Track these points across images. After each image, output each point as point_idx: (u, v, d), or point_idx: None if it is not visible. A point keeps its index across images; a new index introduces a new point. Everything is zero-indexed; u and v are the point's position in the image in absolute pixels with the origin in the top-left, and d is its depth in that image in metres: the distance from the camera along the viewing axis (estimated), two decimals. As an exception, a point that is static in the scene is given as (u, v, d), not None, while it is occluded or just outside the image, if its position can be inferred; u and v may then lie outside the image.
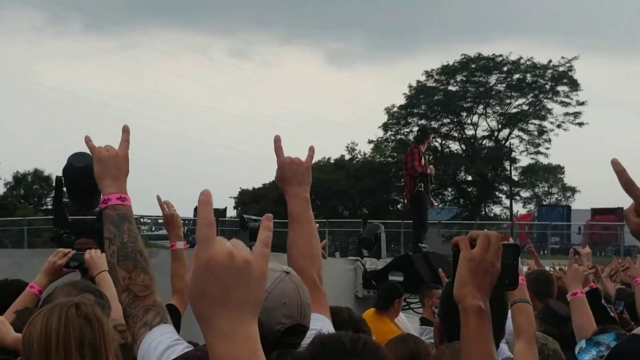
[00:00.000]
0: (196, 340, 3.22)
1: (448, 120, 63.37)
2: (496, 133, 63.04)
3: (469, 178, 63.20)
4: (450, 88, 62.36)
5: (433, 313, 8.09)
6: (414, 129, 58.73)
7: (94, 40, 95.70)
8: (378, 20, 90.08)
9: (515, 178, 60.47)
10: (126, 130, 3.39)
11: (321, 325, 3.20)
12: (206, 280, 1.46)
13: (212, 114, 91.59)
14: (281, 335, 3.08)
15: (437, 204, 49.14)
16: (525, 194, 62.98)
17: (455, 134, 63.90)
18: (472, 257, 2.35)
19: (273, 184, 52.45)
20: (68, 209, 7.76)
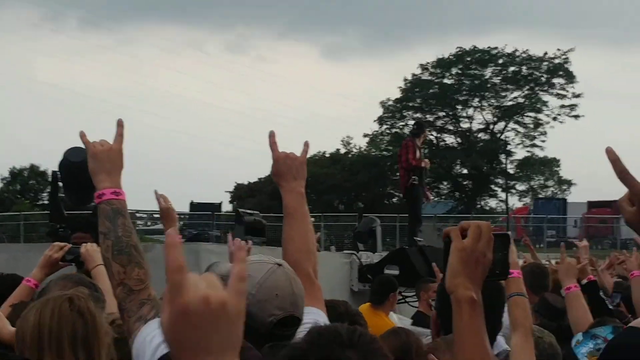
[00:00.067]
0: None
1: (443, 113, 63.41)
2: (492, 126, 63.11)
3: (465, 171, 63.25)
4: (445, 81, 62.40)
5: (429, 306, 8.08)
6: (409, 123, 58.72)
7: (91, 36, 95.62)
8: (373, 14, 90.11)
9: (511, 171, 60.51)
10: (120, 124, 3.37)
11: (316, 318, 3.20)
12: (183, 328, 1.40)
13: (208, 109, 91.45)
14: (274, 327, 3.07)
15: (433, 198, 49.16)
16: (521, 187, 63.17)
17: (450, 127, 63.95)
18: (464, 248, 2.34)
19: (268, 178, 52.40)
20: (64, 204, 7.76)
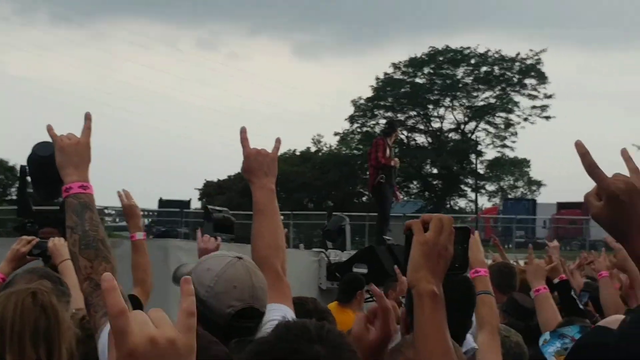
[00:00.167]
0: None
1: (414, 112, 63.53)
2: (462, 126, 63.32)
3: (435, 171, 63.45)
4: (417, 80, 62.51)
5: (397, 305, 8.08)
6: (381, 122, 58.89)
7: (62, 31, 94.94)
8: (346, 12, 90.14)
9: (481, 171, 60.78)
10: (88, 117, 3.35)
11: (284, 315, 3.19)
12: None
13: (179, 105, 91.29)
14: (232, 318, 3.06)
15: (403, 197, 49.24)
16: (490, 188, 63.44)
17: (421, 127, 64.11)
18: (426, 241, 2.31)
19: (238, 176, 52.28)
20: (32, 199, 7.70)
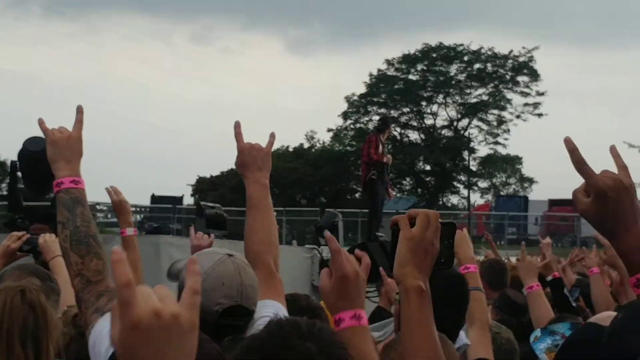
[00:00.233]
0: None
1: (408, 109, 63.51)
2: (455, 123, 63.34)
3: (428, 168, 63.47)
4: (410, 77, 62.49)
5: (389, 302, 8.10)
6: (374, 118, 58.85)
7: (55, 24, 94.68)
8: (340, 7, 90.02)
9: (473, 168, 60.78)
10: (80, 110, 3.33)
11: (276, 311, 3.18)
12: (135, 343, 1.38)
13: (172, 100, 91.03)
14: (221, 316, 3.05)
15: (395, 194, 49.29)
16: (483, 184, 63.52)
17: (414, 124, 64.09)
18: (412, 237, 2.31)
19: (231, 172, 52.26)
20: (23, 195, 7.67)
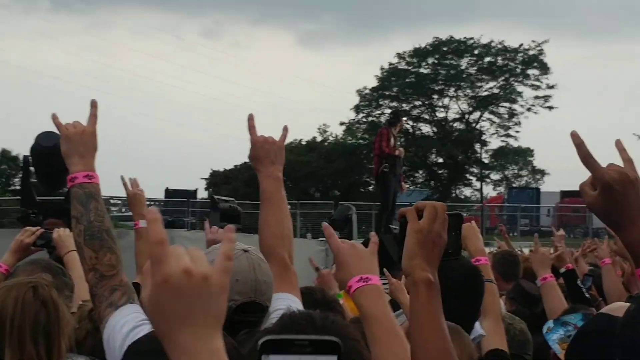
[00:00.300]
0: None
1: (419, 102, 63.47)
2: (467, 116, 63.29)
3: (440, 160, 63.41)
4: (421, 70, 62.45)
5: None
6: (386, 111, 58.77)
7: (63, 18, 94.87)
8: (350, 1, 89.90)
9: (485, 160, 60.75)
10: (94, 104, 3.31)
11: (289, 304, 3.17)
12: (164, 299, 1.43)
13: (183, 95, 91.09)
14: (234, 312, 3.04)
15: (408, 186, 49.21)
16: (495, 177, 63.44)
17: (426, 117, 64.03)
18: (420, 229, 2.29)
19: (244, 166, 52.28)
20: (36, 189, 7.69)
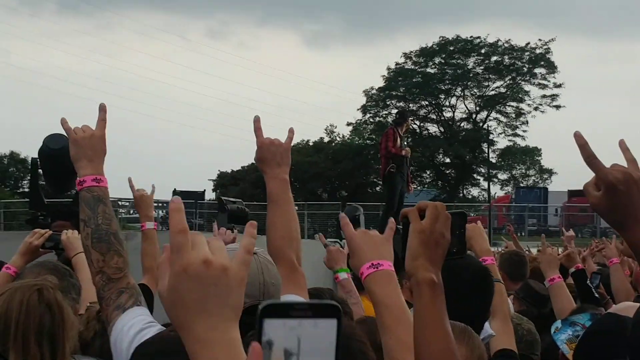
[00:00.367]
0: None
1: (426, 102, 63.46)
2: (474, 115, 63.23)
3: (447, 160, 63.36)
4: (428, 70, 62.42)
5: (411, 294, 8.10)
6: (393, 112, 58.79)
7: (69, 20, 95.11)
8: (356, 1, 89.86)
9: (493, 160, 60.67)
10: (103, 108, 3.32)
11: None
12: (182, 288, 1.43)
13: (189, 96, 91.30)
14: (242, 315, 3.05)
15: (415, 186, 49.14)
16: (502, 176, 63.43)
17: (433, 116, 64.02)
18: (423, 229, 2.29)
19: (252, 167, 52.30)
20: (44, 192, 7.70)
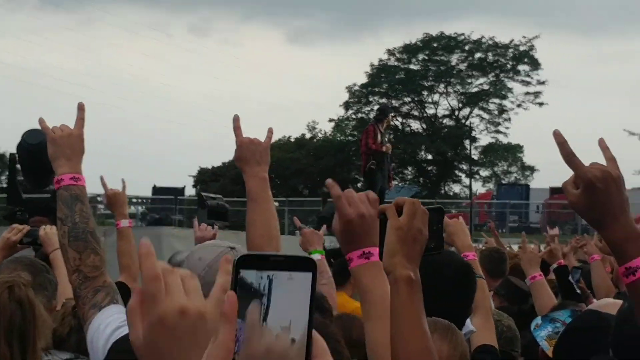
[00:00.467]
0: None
1: (409, 99, 63.57)
2: (457, 112, 63.39)
3: (429, 157, 63.50)
4: (411, 67, 62.54)
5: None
6: (375, 108, 58.81)
7: (51, 16, 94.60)
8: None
9: (474, 157, 60.84)
10: (81, 107, 3.34)
11: None
12: (159, 340, 1.35)
13: (172, 92, 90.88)
14: None
15: (396, 183, 49.31)
16: (484, 173, 63.55)
17: (416, 113, 64.15)
18: (400, 226, 2.28)
19: (232, 163, 51.99)
20: (22, 187, 7.66)
